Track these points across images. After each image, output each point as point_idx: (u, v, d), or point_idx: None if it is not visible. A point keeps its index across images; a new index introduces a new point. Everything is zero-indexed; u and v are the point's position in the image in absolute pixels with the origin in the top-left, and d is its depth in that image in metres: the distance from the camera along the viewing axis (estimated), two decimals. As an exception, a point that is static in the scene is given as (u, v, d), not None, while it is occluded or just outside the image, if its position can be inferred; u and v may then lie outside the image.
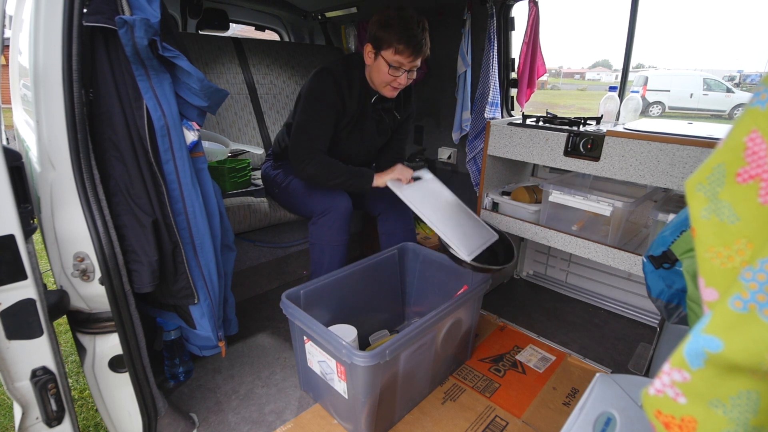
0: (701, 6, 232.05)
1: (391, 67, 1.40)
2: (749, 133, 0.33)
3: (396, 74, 1.41)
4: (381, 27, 1.36)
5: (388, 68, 1.40)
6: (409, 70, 1.42)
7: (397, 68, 1.40)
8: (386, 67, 1.40)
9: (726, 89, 11.23)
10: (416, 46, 1.36)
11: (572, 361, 1.54)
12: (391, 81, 1.43)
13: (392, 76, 1.42)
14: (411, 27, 1.34)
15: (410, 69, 1.42)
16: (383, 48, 1.38)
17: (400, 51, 1.36)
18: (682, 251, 0.72)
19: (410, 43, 1.35)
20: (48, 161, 0.87)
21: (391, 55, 1.38)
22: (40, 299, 0.80)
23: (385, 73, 1.42)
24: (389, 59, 1.39)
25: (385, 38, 1.36)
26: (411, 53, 1.37)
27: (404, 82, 1.44)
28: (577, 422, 0.68)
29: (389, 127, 1.65)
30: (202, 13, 2.48)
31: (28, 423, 0.84)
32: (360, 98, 1.51)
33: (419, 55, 1.39)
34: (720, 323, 0.31)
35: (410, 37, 1.34)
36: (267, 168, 1.81)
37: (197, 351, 1.35)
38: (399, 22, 1.34)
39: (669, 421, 0.35)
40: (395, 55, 1.37)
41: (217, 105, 1.06)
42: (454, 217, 1.46)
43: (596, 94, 18.83)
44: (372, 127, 1.59)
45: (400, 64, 1.39)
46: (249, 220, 1.76)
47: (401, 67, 1.40)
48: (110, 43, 0.90)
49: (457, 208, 1.53)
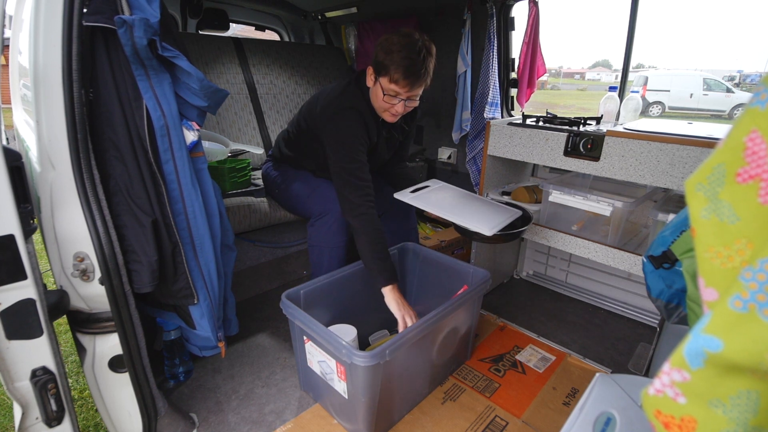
0: (701, 6, 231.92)
1: (386, 95, 1.34)
2: (749, 133, 0.33)
3: (392, 102, 1.35)
4: (383, 51, 1.30)
5: (383, 95, 1.34)
6: (407, 99, 1.36)
7: (393, 96, 1.34)
8: (382, 94, 1.34)
9: (726, 89, 11.23)
10: (413, 76, 1.28)
11: (572, 361, 1.54)
12: (388, 108, 1.38)
13: (388, 104, 1.36)
14: (412, 56, 1.26)
15: (408, 98, 1.35)
16: (381, 74, 1.32)
17: (396, 80, 1.29)
18: (682, 251, 0.72)
19: (407, 73, 1.28)
20: (48, 161, 0.87)
21: (387, 83, 1.31)
22: (40, 299, 0.80)
23: (381, 100, 1.36)
24: (385, 87, 1.33)
25: (384, 64, 1.29)
26: (407, 84, 1.30)
27: (401, 111, 1.38)
28: (577, 422, 0.68)
29: (397, 140, 1.63)
30: (202, 13, 2.48)
31: (28, 423, 0.84)
32: (376, 125, 1.46)
33: (417, 86, 1.32)
34: (720, 323, 0.31)
35: (408, 66, 1.27)
36: (267, 168, 1.81)
37: (197, 351, 1.35)
38: (400, 49, 1.27)
39: (669, 421, 0.35)
40: (391, 84, 1.31)
41: (217, 105, 1.06)
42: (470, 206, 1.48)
43: (596, 94, 18.83)
44: (383, 145, 1.56)
45: (396, 93, 1.33)
46: (249, 220, 1.76)
47: (397, 95, 1.33)
48: (110, 43, 0.90)
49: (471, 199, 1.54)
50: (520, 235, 1.48)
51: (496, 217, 1.42)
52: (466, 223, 1.35)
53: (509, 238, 1.47)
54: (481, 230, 1.32)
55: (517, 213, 1.50)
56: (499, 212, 1.46)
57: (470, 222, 1.35)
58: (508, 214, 1.46)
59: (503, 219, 1.41)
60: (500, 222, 1.38)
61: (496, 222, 1.37)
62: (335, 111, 1.40)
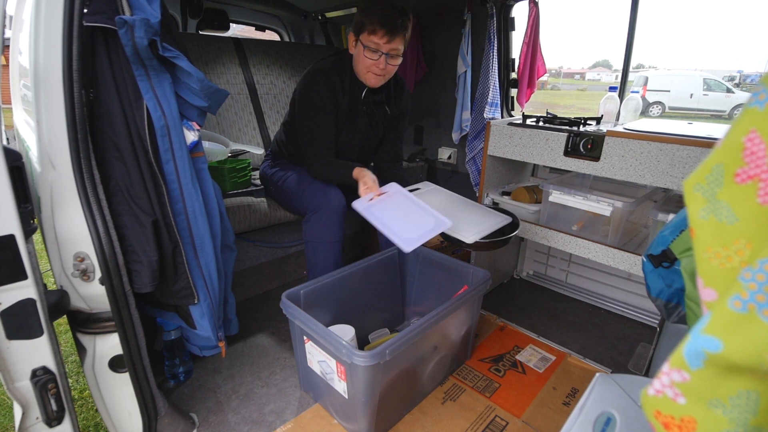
0: (701, 6, 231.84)
1: (366, 48, 1.40)
2: (748, 133, 0.33)
3: (373, 57, 1.41)
4: (361, 12, 1.39)
5: (364, 51, 1.41)
6: (388, 55, 1.41)
7: (374, 51, 1.40)
8: (363, 51, 1.41)
9: (726, 89, 11.23)
10: (391, 26, 1.35)
11: (572, 361, 1.54)
12: (370, 66, 1.43)
13: (370, 60, 1.41)
14: (387, 9, 1.35)
15: (389, 53, 1.41)
16: (360, 31, 1.40)
17: (374, 31, 1.36)
18: (681, 250, 0.72)
19: (384, 23, 1.35)
20: (48, 161, 0.87)
21: (367, 36, 1.38)
22: (40, 299, 0.80)
23: (363, 57, 1.42)
24: (365, 41, 1.39)
25: (362, 21, 1.38)
26: (385, 33, 1.36)
27: (383, 66, 1.43)
28: (577, 422, 0.68)
29: (381, 122, 1.65)
30: (202, 13, 2.48)
31: (28, 423, 0.84)
32: (351, 93, 1.52)
33: (395, 36, 1.37)
34: (719, 323, 0.31)
35: (384, 16, 1.34)
36: (265, 167, 1.82)
37: (197, 351, 1.35)
38: (376, 4, 1.36)
39: (668, 422, 0.35)
40: (370, 36, 1.37)
41: (217, 105, 1.06)
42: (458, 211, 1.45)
43: (596, 94, 18.82)
44: (364, 121, 1.59)
45: (377, 46, 1.39)
46: (249, 220, 1.76)
47: (378, 49, 1.39)
48: (110, 43, 0.90)
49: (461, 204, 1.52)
50: (504, 244, 1.43)
51: (482, 224, 1.39)
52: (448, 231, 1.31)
53: (492, 246, 1.42)
54: (462, 237, 1.30)
55: (507, 219, 1.47)
56: (486, 219, 1.44)
57: (452, 229, 1.31)
58: (495, 221, 1.43)
59: (488, 226, 1.39)
60: (484, 229, 1.36)
61: (479, 229, 1.35)
62: (303, 76, 1.53)
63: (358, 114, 1.56)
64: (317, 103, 1.48)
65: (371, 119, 1.61)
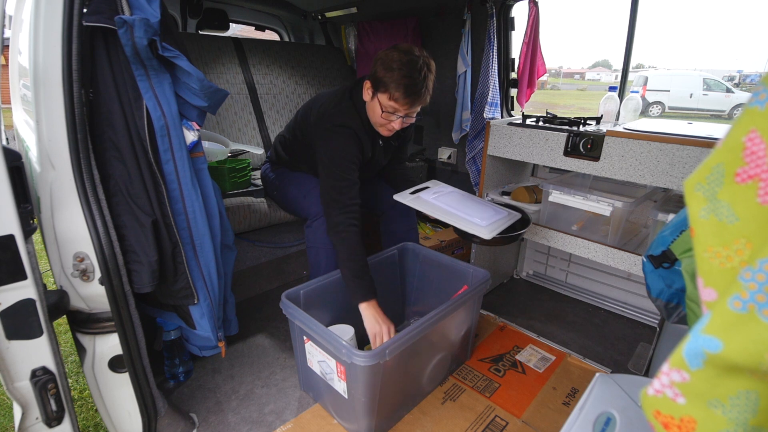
0: (701, 6, 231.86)
1: (384, 112, 1.33)
2: (748, 133, 0.33)
3: (390, 119, 1.34)
4: (383, 68, 1.27)
5: (381, 111, 1.33)
6: (405, 116, 1.35)
7: (391, 113, 1.33)
8: (380, 110, 1.33)
9: (726, 89, 11.23)
10: (414, 95, 1.27)
11: (572, 361, 1.54)
12: (385, 124, 1.37)
13: (386, 120, 1.35)
14: (413, 74, 1.25)
15: (406, 115, 1.35)
16: (380, 90, 1.30)
17: (396, 99, 1.28)
18: (682, 251, 0.72)
19: (408, 92, 1.26)
20: (48, 161, 0.87)
21: (386, 100, 1.30)
22: (40, 299, 0.80)
23: (378, 116, 1.35)
24: (383, 104, 1.31)
25: (384, 81, 1.27)
26: (407, 102, 1.29)
27: (398, 127, 1.37)
28: (576, 422, 0.68)
29: (392, 147, 1.63)
30: (202, 13, 2.48)
31: (28, 423, 0.84)
32: (371, 141, 1.46)
33: (416, 104, 1.31)
34: (719, 323, 0.31)
35: (408, 85, 1.25)
36: (265, 170, 1.81)
37: (197, 351, 1.35)
38: (401, 66, 1.25)
39: (668, 422, 0.35)
40: (390, 101, 1.29)
41: (217, 105, 1.06)
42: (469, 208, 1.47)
43: (596, 94, 18.82)
44: (380, 154, 1.56)
45: (395, 110, 1.32)
46: (249, 220, 1.76)
47: (396, 112, 1.32)
48: (110, 43, 0.90)
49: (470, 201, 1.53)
50: (518, 238, 1.47)
51: (494, 219, 1.41)
52: (464, 226, 1.34)
53: (508, 241, 1.46)
54: (479, 233, 1.31)
55: (516, 215, 1.49)
56: (497, 214, 1.45)
57: (468, 225, 1.34)
58: (506, 217, 1.46)
59: (502, 222, 1.41)
60: (499, 225, 1.38)
61: (494, 225, 1.37)
62: (328, 128, 1.39)
63: (375, 152, 1.52)
64: (347, 157, 1.37)
65: (386, 149, 1.58)
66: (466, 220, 1.37)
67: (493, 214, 1.44)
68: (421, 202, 1.45)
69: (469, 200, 1.53)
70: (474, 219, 1.37)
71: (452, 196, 1.53)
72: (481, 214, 1.41)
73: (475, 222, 1.36)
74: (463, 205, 1.47)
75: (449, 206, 1.43)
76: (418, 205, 1.43)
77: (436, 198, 1.48)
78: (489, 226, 1.35)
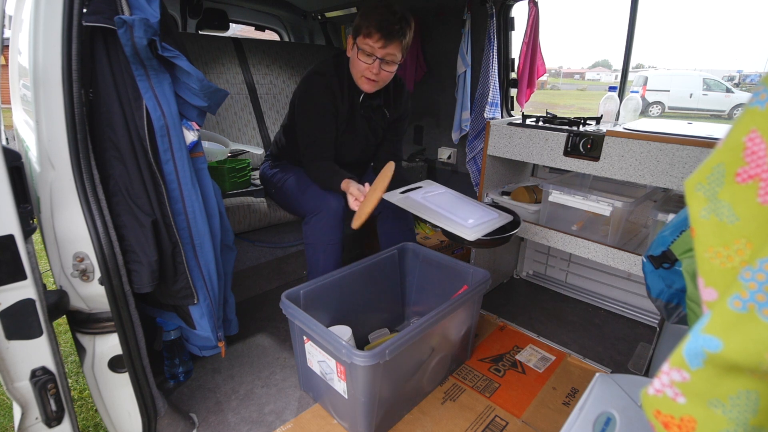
0: (701, 6, 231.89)
1: (361, 51, 1.36)
2: (748, 133, 0.33)
3: (367, 61, 1.37)
4: (360, 15, 1.36)
5: (359, 53, 1.37)
6: (383, 60, 1.37)
7: (368, 54, 1.36)
8: (358, 54, 1.37)
9: (725, 89, 11.24)
10: (387, 30, 1.32)
11: (572, 361, 1.54)
12: (364, 70, 1.40)
13: (364, 63, 1.38)
14: (387, 14, 1.32)
15: (384, 58, 1.37)
16: (358, 35, 1.36)
17: (370, 35, 1.33)
18: (682, 251, 0.72)
19: (381, 27, 1.31)
20: (48, 161, 0.87)
21: (362, 40, 1.35)
22: (40, 299, 0.80)
23: (357, 60, 1.39)
24: (360, 44, 1.36)
25: (360, 24, 1.35)
26: (381, 37, 1.33)
27: (376, 71, 1.39)
28: (576, 422, 0.68)
29: (380, 125, 1.64)
30: (202, 13, 2.48)
31: (28, 423, 0.84)
32: (349, 97, 1.51)
33: (391, 41, 1.34)
34: (719, 323, 0.31)
35: (382, 21, 1.31)
36: (265, 168, 1.82)
37: (197, 351, 1.35)
38: (377, 9, 1.33)
39: (668, 421, 0.35)
40: (365, 39, 1.35)
41: (216, 105, 1.06)
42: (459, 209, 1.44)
43: (596, 94, 18.83)
44: (363, 125, 1.58)
45: (372, 50, 1.35)
46: (249, 220, 1.76)
47: (373, 53, 1.36)
48: (110, 43, 0.90)
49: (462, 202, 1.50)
50: (505, 241, 1.43)
51: (483, 221, 1.38)
52: (450, 227, 1.32)
53: (494, 244, 1.43)
54: (464, 235, 1.29)
55: (508, 218, 1.46)
56: (487, 216, 1.42)
57: (454, 226, 1.32)
58: (496, 219, 1.42)
59: (490, 224, 1.38)
60: (486, 227, 1.35)
61: (481, 227, 1.34)
62: (303, 78, 1.51)
63: (356, 118, 1.55)
64: (317, 105, 1.46)
65: (370, 123, 1.60)
66: (452, 220, 1.34)
67: (483, 216, 1.41)
68: (409, 201, 1.43)
69: (460, 201, 1.50)
70: (460, 220, 1.35)
71: (443, 197, 1.50)
72: (469, 215, 1.39)
73: (461, 223, 1.33)
74: (453, 205, 1.44)
75: (438, 207, 1.40)
76: (406, 205, 1.41)
77: (425, 198, 1.44)
78: (476, 227, 1.32)
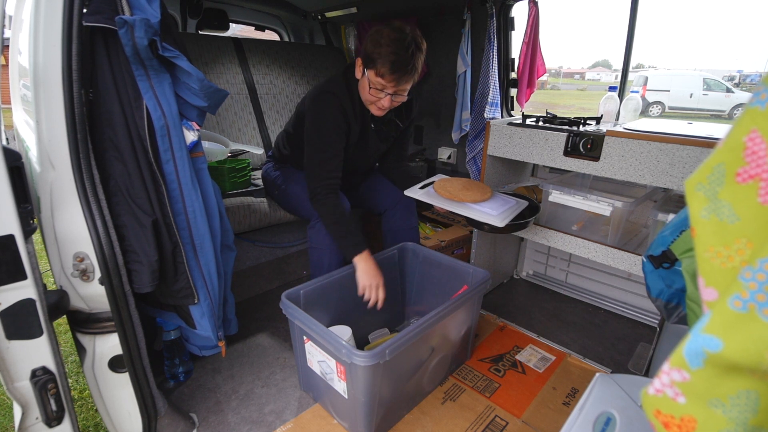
0: (701, 6, 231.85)
1: (372, 88, 1.33)
2: (749, 132, 0.33)
3: (378, 96, 1.35)
4: (371, 43, 1.29)
5: (369, 87, 1.34)
6: (394, 94, 1.35)
7: (379, 90, 1.33)
8: (369, 86, 1.34)
9: (726, 89, 11.23)
10: (400, 71, 1.28)
11: (572, 361, 1.54)
12: (374, 101, 1.38)
13: (374, 97, 1.36)
14: (400, 51, 1.25)
15: (394, 93, 1.35)
16: (369, 66, 1.31)
17: (382, 74, 1.29)
18: (682, 251, 0.72)
19: (394, 68, 1.27)
20: (48, 161, 0.87)
21: (374, 76, 1.31)
22: (40, 299, 0.80)
23: (367, 92, 1.36)
24: (371, 80, 1.32)
25: (372, 57, 1.29)
26: (393, 79, 1.29)
27: (387, 105, 1.37)
28: (577, 422, 0.68)
29: (392, 135, 1.63)
30: (202, 13, 2.48)
31: (28, 423, 0.84)
32: (361, 116, 1.47)
33: (403, 81, 1.31)
34: (719, 323, 0.31)
35: (396, 62, 1.26)
36: (268, 169, 1.81)
37: (197, 351, 1.35)
38: (389, 42, 1.25)
39: (668, 421, 0.35)
40: (377, 77, 1.30)
41: (216, 105, 1.06)
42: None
43: (596, 94, 18.82)
44: (374, 138, 1.57)
45: (383, 87, 1.32)
46: (249, 220, 1.76)
47: (384, 89, 1.33)
48: (110, 43, 0.90)
49: None
50: (530, 224, 1.53)
51: (505, 208, 1.46)
52: (477, 216, 1.39)
53: (519, 228, 1.52)
54: (492, 222, 1.37)
55: (524, 203, 1.54)
56: (506, 203, 1.50)
57: (480, 215, 1.40)
58: (515, 205, 1.50)
59: (512, 210, 1.46)
60: (510, 213, 1.43)
61: (505, 213, 1.42)
62: (314, 96, 1.45)
63: (368, 133, 1.53)
64: (330, 127, 1.41)
65: (380, 135, 1.58)
66: (478, 210, 1.42)
67: (503, 203, 1.49)
68: (432, 195, 1.48)
69: None
70: (485, 209, 1.43)
71: None
72: (490, 204, 1.46)
73: (486, 211, 1.41)
74: None
75: None
76: (430, 198, 1.46)
77: None
78: (501, 214, 1.41)
